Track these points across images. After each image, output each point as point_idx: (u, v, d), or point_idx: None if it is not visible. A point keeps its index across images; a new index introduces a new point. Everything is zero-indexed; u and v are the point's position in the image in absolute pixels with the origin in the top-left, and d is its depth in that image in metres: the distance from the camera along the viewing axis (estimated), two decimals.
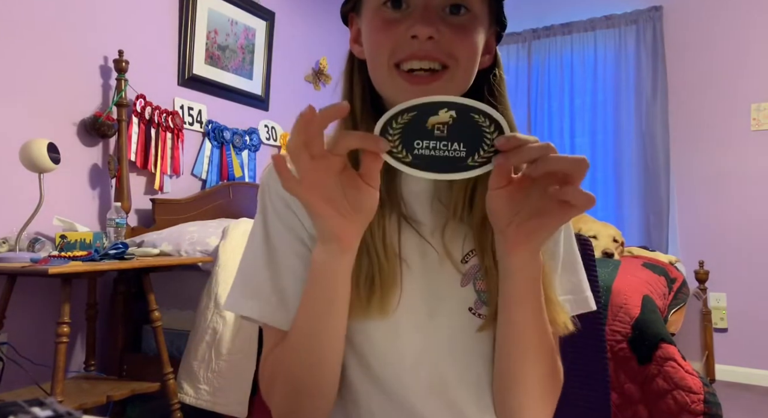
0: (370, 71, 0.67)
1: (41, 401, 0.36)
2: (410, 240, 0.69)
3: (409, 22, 0.62)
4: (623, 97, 3.79)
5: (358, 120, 0.68)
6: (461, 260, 0.69)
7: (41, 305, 2.06)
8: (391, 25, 0.63)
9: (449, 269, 0.69)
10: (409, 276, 0.68)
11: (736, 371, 3.38)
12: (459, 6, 0.64)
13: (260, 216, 0.72)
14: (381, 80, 0.66)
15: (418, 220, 0.69)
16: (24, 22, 2.05)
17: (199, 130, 2.79)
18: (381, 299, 0.64)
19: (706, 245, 3.49)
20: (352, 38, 0.73)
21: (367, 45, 0.67)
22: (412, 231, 0.69)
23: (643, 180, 3.69)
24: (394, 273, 0.65)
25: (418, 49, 0.62)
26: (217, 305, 1.96)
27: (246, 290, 0.70)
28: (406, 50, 0.62)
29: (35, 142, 1.80)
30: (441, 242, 0.69)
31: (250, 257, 0.72)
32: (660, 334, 1.58)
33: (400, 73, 0.63)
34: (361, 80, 0.70)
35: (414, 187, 0.71)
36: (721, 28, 3.53)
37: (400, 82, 0.63)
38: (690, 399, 1.46)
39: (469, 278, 0.69)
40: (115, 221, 2.03)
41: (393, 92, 0.65)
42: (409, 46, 0.62)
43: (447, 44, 0.62)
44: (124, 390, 1.85)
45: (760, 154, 3.40)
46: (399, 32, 0.63)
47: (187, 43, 2.71)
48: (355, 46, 0.72)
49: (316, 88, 3.61)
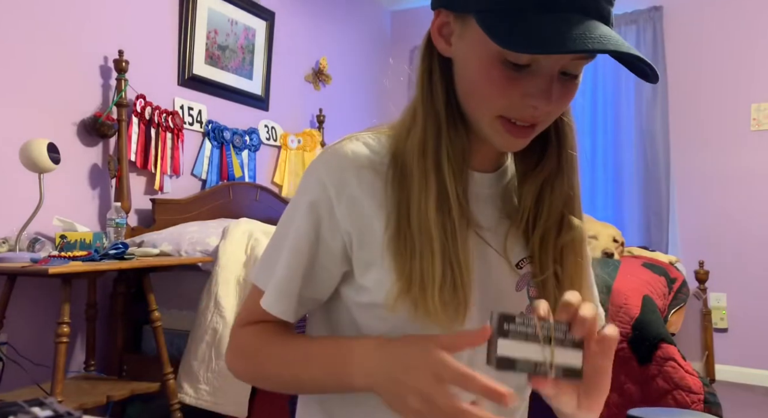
0: (466, 101, 0.65)
1: (41, 401, 0.36)
2: (473, 243, 0.68)
3: (529, 88, 0.59)
4: (623, 97, 3.79)
5: (443, 127, 0.65)
6: (516, 264, 0.70)
7: (41, 305, 2.06)
8: (509, 85, 0.60)
9: (506, 273, 0.70)
10: (475, 284, 0.68)
11: (736, 371, 3.38)
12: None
13: (310, 215, 0.67)
14: (478, 119, 0.65)
15: (481, 223, 0.69)
16: (24, 22, 2.05)
17: (199, 130, 2.79)
18: (456, 309, 0.63)
19: (706, 245, 3.49)
20: (436, 28, 0.65)
21: (474, 86, 0.63)
22: (475, 234, 0.69)
23: (643, 180, 3.68)
24: (471, 283, 0.65)
25: (530, 116, 0.61)
26: (217, 305, 1.96)
27: (274, 285, 0.69)
28: (519, 112, 0.61)
29: (35, 142, 1.80)
30: (502, 246, 0.70)
31: (276, 243, 0.71)
32: (660, 334, 1.58)
33: (503, 122, 0.62)
34: (443, 81, 0.66)
35: (481, 190, 0.71)
36: (721, 28, 3.53)
37: (500, 129, 0.63)
38: (690, 399, 1.46)
39: (523, 283, 0.70)
40: (115, 220, 2.03)
41: (489, 133, 0.64)
42: (523, 110, 0.61)
43: (553, 108, 0.62)
44: (124, 390, 1.85)
45: (760, 154, 3.40)
46: (516, 93, 0.60)
47: (187, 43, 2.71)
48: (440, 41, 0.65)
49: (316, 88, 3.61)
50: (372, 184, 0.66)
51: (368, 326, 0.69)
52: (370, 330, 0.69)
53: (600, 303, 0.81)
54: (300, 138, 3.40)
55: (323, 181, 0.67)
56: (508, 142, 0.64)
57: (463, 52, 0.63)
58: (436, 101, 0.65)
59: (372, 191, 0.66)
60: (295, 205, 0.70)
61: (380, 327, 0.68)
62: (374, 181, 0.66)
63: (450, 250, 0.63)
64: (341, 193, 0.66)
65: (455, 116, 0.66)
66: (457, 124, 0.66)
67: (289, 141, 3.34)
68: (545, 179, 0.69)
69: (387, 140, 0.69)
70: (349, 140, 0.69)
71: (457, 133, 0.65)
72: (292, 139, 3.36)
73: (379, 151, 0.68)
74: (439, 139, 0.65)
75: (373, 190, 0.66)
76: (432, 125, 0.65)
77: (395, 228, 0.65)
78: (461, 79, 0.65)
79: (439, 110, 0.65)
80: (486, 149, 0.70)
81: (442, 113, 0.65)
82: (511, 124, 0.62)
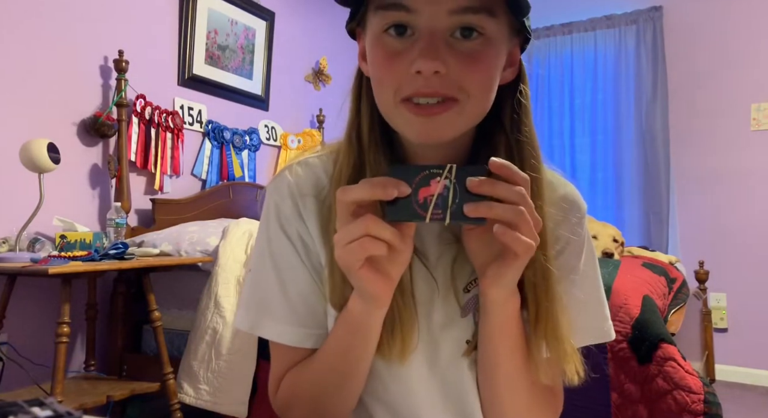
0: (377, 101, 0.63)
1: (41, 401, 0.36)
2: (417, 273, 0.67)
3: (412, 54, 0.56)
4: (623, 97, 3.79)
5: (367, 153, 0.65)
6: (464, 288, 0.68)
7: (41, 305, 2.06)
8: (393, 58, 0.58)
9: (451, 300, 0.68)
10: (420, 314, 0.67)
11: (736, 371, 3.38)
12: (471, 29, 0.57)
13: (264, 233, 0.70)
14: (387, 113, 0.62)
15: (426, 252, 0.68)
16: (24, 22, 2.05)
17: (199, 130, 2.79)
18: (402, 345, 0.63)
19: (706, 245, 3.49)
20: (359, 54, 0.67)
21: (371, 75, 0.62)
22: (419, 262, 0.67)
23: (643, 180, 3.69)
24: (411, 318, 0.64)
25: (423, 85, 0.56)
26: (217, 305, 1.96)
27: (259, 309, 0.68)
28: (411, 86, 0.57)
29: (35, 142, 1.80)
30: (448, 272, 0.68)
31: (258, 275, 0.70)
32: (660, 334, 1.58)
33: (407, 105, 0.58)
34: (369, 100, 0.65)
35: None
36: (721, 28, 3.53)
37: (406, 114, 0.59)
38: (690, 399, 1.46)
39: (469, 308, 0.68)
40: (115, 221, 2.03)
41: (400, 124, 0.61)
42: (414, 81, 0.57)
43: (456, 77, 0.56)
44: (124, 390, 1.85)
45: (760, 154, 3.40)
46: (402, 66, 0.57)
47: (187, 43, 2.71)
48: (363, 64, 0.66)
49: (316, 88, 3.61)
50: (316, 213, 0.67)
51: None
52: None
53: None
54: (300, 138, 3.40)
55: (277, 203, 0.69)
56: (417, 128, 0.59)
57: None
58: (361, 126, 0.66)
59: (315, 221, 0.67)
60: (262, 238, 0.70)
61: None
62: (319, 211, 0.68)
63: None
64: (297, 215, 0.68)
65: (377, 141, 0.65)
66: (378, 149, 0.65)
67: (289, 141, 3.34)
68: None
69: (333, 161, 0.69)
70: (294, 167, 0.70)
71: (378, 159, 0.65)
72: (292, 139, 3.36)
73: (323, 177, 0.69)
74: (358, 166, 0.65)
75: (316, 219, 0.67)
76: (353, 153, 0.65)
77: (330, 258, 0.64)
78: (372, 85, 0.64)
79: (362, 135, 0.65)
80: None
81: (365, 138, 0.65)
82: (414, 104, 0.58)
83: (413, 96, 0.58)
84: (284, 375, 0.70)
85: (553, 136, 4.03)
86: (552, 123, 4.04)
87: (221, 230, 2.16)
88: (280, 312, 0.67)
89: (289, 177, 0.69)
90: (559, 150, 4.00)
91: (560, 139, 4.00)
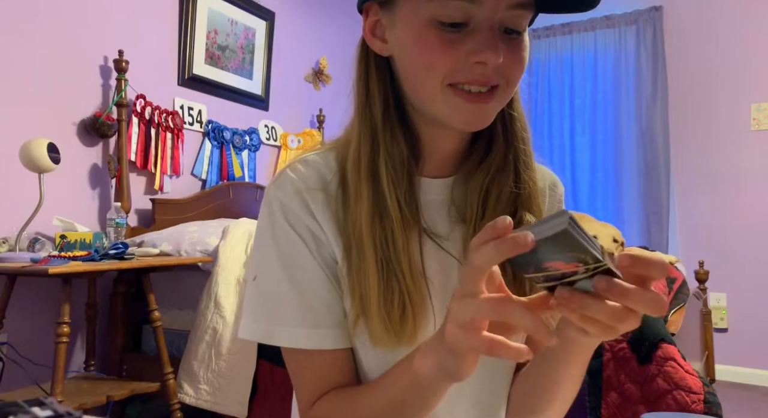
0: (412, 86, 0.62)
1: (41, 401, 0.36)
2: (430, 253, 0.65)
3: (472, 45, 0.57)
4: (623, 97, 3.79)
5: (380, 133, 0.64)
6: None
7: (41, 305, 2.06)
8: (450, 46, 0.58)
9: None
10: (434, 294, 0.64)
11: (736, 371, 3.38)
12: (517, 31, 0.60)
13: (269, 234, 0.66)
14: (429, 98, 0.61)
15: (437, 230, 0.67)
16: (24, 22, 2.05)
17: (199, 130, 2.79)
18: (414, 328, 0.61)
19: (706, 245, 3.49)
20: (368, 30, 0.65)
21: (413, 60, 0.61)
22: (431, 243, 0.66)
23: (643, 180, 3.69)
24: (423, 298, 0.62)
25: (480, 74, 0.58)
26: (217, 304, 1.96)
27: (270, 316, 0.64)
28: (467, 75, 0.58)
29: (35, 142, 1.80)
30: (460, 250, 0.67)
31: (266, 280, 0.65)
32: (660, 334, 1.58)
33: (456, 91, 0.59)
34: (381, 81, 0.65)
35: (433, 196, 0.68)
36: (721, 28, 3.53)
37: (457, 101, 0.59)
38: (690, 399, 1.46)
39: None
40: (115, 220, 2.03)
41: (443, 109, 0.61)
42: (471, 70, 0.58)
43: (506, 68, 0.59)
44: (124, 390, 1.85)
45: (760, 154, 3.40)
46: (459, 55, 0.58)
47: (187, 43, 2.71)
48: (375, 41, 0.64)
49: (316, 88, 3.61)
50: (326, 206, 0.65)
51: (361, 360, 0.66)
52: (362, 364, 0.66)
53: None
54: (300, 138, 3.40)
55: (282, 201, 0.65)
56: (466, 115, 0.60)
57: (399, 39, 0.62)
58: (373, 107, 0.64)
59: (326, 214, 0.65)
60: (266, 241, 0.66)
61: (369, 359, 0.65)
62: (328, 204, 0.65)
63: (392, 262, 0.61)
64: (305, 211, 0.65)
65: (393, 121, 0.64)
66: (395, 130, 0.64)
67: (289, 141, 3.34)
68: (491, 178, 0.67)
69: (334, 157, 0.68)
70: (295, 165, 0.68)
71: (394, 139, 0.64)
72: (292, 139, 3.36)
73: (327, 172, 0.67)
74: (374, 146, 0.63)
75: (327, 213, 0.65)
76: (367, 133, 0.64)
77: (345, 248, 0.63)
78: (403, 67, 0.63)
79: (375, 116, 0.64)
80: (439, 154, 0.68)
81: (378, 119, 0.64)
82: (465, 91, 0.59)
83: (466, 84, 0.59)
84: (313, 383, 0.65)
85: (553, 136, 4.03)
86: (552, 123, 4.04)
87: (221, 230, 2.16)
88: (294, 314, 0.63)
89: (292, 175, 0.67)
90: (559, 150, 4.00)
91: (560, 139, 4.00)
